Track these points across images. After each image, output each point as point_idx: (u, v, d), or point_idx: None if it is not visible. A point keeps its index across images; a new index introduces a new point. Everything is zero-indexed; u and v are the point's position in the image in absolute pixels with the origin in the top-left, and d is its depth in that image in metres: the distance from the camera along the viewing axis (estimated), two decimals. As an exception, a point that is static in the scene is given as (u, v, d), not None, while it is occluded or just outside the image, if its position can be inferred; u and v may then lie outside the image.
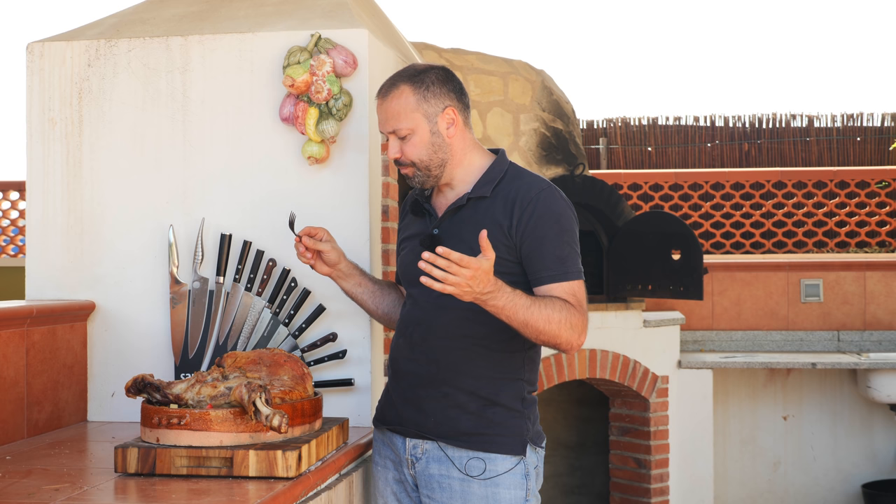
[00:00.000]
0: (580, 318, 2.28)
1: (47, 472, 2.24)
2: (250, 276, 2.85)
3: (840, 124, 9.86)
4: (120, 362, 2.92)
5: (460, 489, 2.37)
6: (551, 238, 2.33)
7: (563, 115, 5.89)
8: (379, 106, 2.42)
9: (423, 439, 2.42)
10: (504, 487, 2.36)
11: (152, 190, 2.93)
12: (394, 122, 2.38)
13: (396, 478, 2.50)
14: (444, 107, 2.40)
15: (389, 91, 2.40)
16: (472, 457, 2.37)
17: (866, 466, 5.95)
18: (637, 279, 5.22)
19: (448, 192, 2.47)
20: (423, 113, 2.38)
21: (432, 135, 2.39)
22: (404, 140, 2.38)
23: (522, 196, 2.35)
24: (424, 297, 2.39)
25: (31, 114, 3.00)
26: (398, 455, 2.48)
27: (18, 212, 9.37)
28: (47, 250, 2.97)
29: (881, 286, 6.09)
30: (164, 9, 3.17)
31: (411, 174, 2.41)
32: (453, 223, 2.41)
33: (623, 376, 5.15)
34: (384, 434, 2.54)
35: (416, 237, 2.48)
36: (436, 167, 2.40)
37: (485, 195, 2.39)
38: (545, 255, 2.32)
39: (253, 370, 2.38)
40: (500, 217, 2.35)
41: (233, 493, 2.02)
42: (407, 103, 2.37)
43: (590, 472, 5.81)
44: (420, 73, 2.40)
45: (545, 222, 2.33)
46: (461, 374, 2.37)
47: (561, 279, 2.32)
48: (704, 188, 8.18)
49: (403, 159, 2.40)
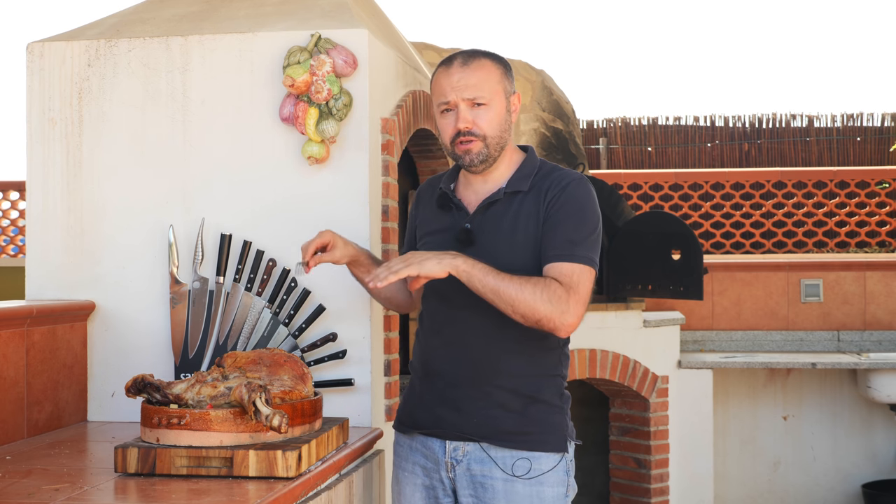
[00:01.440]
0: (565, 296, 2.21)
1: (47, 472, 2.24)
2: (250, 276, 2.85)
3: (840, 124, 9.86)
4: (120, 362, 2.92)
5: (503, 489, 2.33)
6: (569, 224, 2.30)
7: (563, 115, 5.90)
8: (454, 72, 2.33)
9: (465, 441, 2.36)
10: (548, 485, 2.33)
11: (152, 190, 2.93)
12: (475, 89, 2.32)
13: (427, 484, 2.43)
14: (514, 90, 2.41)
15: (472, 59, 2.34)
16: (518, 457, 2.33)
17: (866, 466, 5.95)
18: (637, 279, 5.22)
19: (479, 186, 2.42)
20: (504, 89, 2.36)
21: (507, 112, 2.37)
22: (479, 110, 2.32)
23: (554, 185, 2.34)
24: (461, 295, 2.31)
25: (31, 114, 3.00)
26: (434, 459, 2.41)
27: (18, 212, 9.37)
28: (47, 250, 2.98)
29: (881, 286, 6.09)
30: (164, 9, 3.17)
31: (476, 151, 2.34)
32: (487, 218, 2.37)
33: (623, 376, 5.15)
34: (414, 438, 2.46)
35: (444, 232, 2.42)
36: (499, 149, 2.36)
37: (522, 189, 2.36)
38: (557, 237, 2.29)
39: (253, 370, 2.38)
40: (533, 209, 2.33)
41: (233, 493, 2.02)
42: (492, 74, 2.34)
43: (590, 472, 5.81)
44: (495, 55, 2.39)
45: (568, 209, 2.31)
46: (501, 372, 2.33)
47: (565, 259, 2.26)
48: (704, 188, 8.19)
49: (476, 130, 2.33)
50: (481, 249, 2.33)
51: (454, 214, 2.42)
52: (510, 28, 22.86)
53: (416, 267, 2.21)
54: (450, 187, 2.45)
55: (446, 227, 2.42)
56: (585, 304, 2.26)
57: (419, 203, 2.57)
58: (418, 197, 2.59)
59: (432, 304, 2.45)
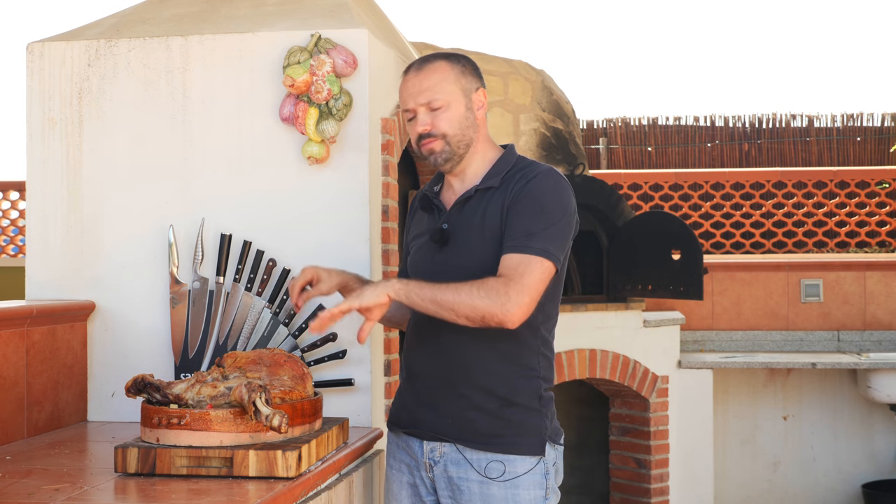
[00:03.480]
0: (503, 287, 2.18)
1: (47, 472, 2.24)
2: (250, 276, 2.85)
3: (840, 124, 9.86)
4: (120, 362, 2.92)
5: (479, 491, 2.33)
6: (528, 215, 2.29)
7: (563, 115, 5.90)
8: (410, 80, 2.39)
9: (441, 441, 2.38)
10: (524, 488, 2.33)
11: (152, 190, 2.93)
12: (429, 93, 2.35)
13: (411, 482, 2.45)
14: (478, 87, 2.41)
15: (425, 65, 2.38)
16: (491, 459, 2.33)
17: (866, 466, 5.95)
18: (637, 279, 5.22)
19: (457, 185, 2.45)
20: (461, 87, 2.37)
21: (466, 110, 2.38)
22: (437, 112, 2.35)
23: (521, 179, 2.34)
24: None
25: (31, 114, 3.00)
26: (415, 458, 2.44)
27: (18, 212, 9.37)
28: (47, 250, 2.97)
29: (881, 286, 6.09)
30: (164, 9, 3.17)
31: (438, 150, 2.37)
32: (462, 216, 2.39)
33: (623, 376, 5.16)
34: (399, 437, 2.49)
35: (427, 233, 2.44)
36: (463, 146, 2.38)
37: (493, 185, 2.37)
38: (514, 227, 2.28)
39: (253, 370, 2.38)
40: (499, 202, 2.34)
41: (233, 493, 2.02)
42: (446, 76, 2.36)
43: (590, 472, 5.81)
44: (452, 55, 2.41)
45: (527, 200, 2.30)
46: (476, 373, 2.33)
47: (517, 250, 2.24)
48: (704, 188, 8.19)
49: (434, 131, 2.36)
50: (456, 248, 2.36)
51: (435, 215, 2.45)
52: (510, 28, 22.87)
53: (356, 300, 2.22)
54: (433, 190, 2.49)
55: (428, 229, 2.45)
56: (532, 294, 2.22)
57: (412, 210, 2.61)
58: (412, 204, 2.62)
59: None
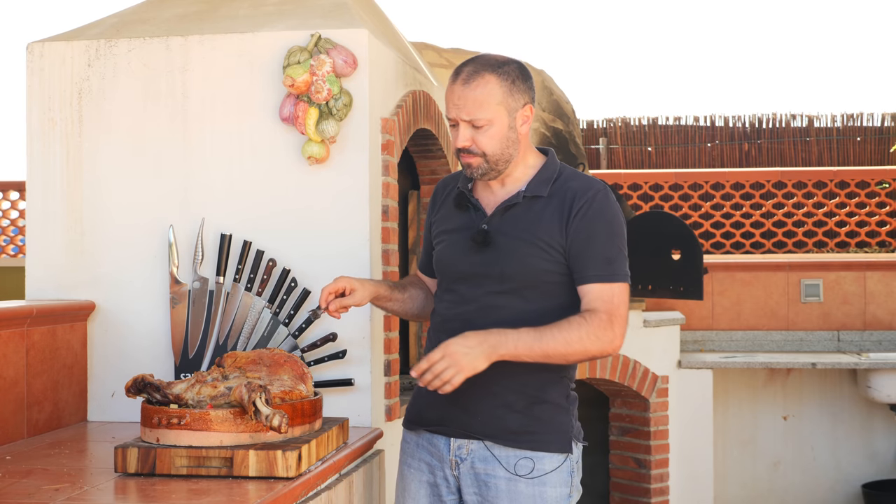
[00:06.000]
0: (609, 324, 2.27)
1: (47, 472, 2.24)
2: (250, 276, 2.85)
3: (840, 124, 9.86)
4: (120, 362, 2.92)
5: (507, 488, 2.34)
6: (602, 238, 2.31)
7: (563, 115, 5.90)
8: (456, 89, 2.32)
9: (469, 439, 2.37)
10: (550, 486, 2.34)
11: (152, 190, 2.93)
12: (474, 110, 2.30)
13: (431, 481, 2.44)
14: (525, 104, 2.35)
15: (473, 78, 2.30)
16: (521, 456, 2.34)
17: (866, 466, 5.95)
18: (637, 279, 5.22)
19: (497, 189, 2.42)
20: (507, 107, 2.32)
21: (509, 129, 2.34)
22: (479, 130, 2.32)
23: (579, 196, 2.33)
24: (473, 292, 2.35)
25: (31, 114, 3.00)
26: (439, 457, 2.42)
27: (18, 212, 9.37)
28: (47, 250, 2.98)
29: (881, 286, 6.09)
30: (164, 9, 3.17)
31: (475, 165, 2.35)
32: (505, 220, 2.37)
33: (623, 376, 5.15)
34: (421, 436, 2.47)
35: (461, 231, 2.41)
36: (503, 162, 2.36)
37: (541, 195, 2.36)
38: (594, 255, 2.31)
39: (253, 370, 2.38)
40: (555, 216, 2.33)
41: (233, 493, 2.02)
42: (492, 94, 2.30)
43: (590, 472, 5.78)
44: (504, 65, 2.33)
45: (598, 222, 2.32)
46: (508, 371, 2.32)
47: (607, 279, 2.31)
48: (704, 188, 8.19)
49: (474, 149, 2.33)
50: (498, 251, 2.35)
51: (471, 215, 2.42)
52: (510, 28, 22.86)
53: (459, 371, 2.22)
54: (467, 187, 2.45)
55: (463, 227, 2.42)
56: (626, 320, 2.32)
57: (435, 202, 2.57)
58: (434, 196, 2.59)
59: (442, 303, 2.46)
